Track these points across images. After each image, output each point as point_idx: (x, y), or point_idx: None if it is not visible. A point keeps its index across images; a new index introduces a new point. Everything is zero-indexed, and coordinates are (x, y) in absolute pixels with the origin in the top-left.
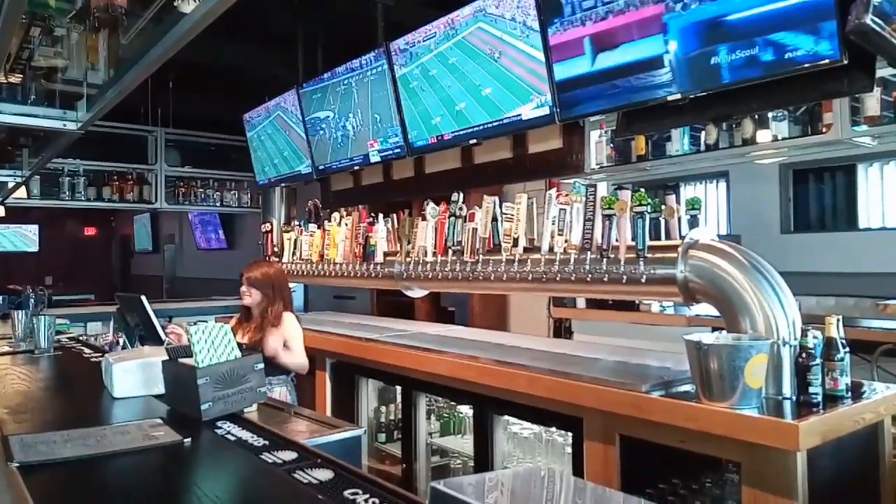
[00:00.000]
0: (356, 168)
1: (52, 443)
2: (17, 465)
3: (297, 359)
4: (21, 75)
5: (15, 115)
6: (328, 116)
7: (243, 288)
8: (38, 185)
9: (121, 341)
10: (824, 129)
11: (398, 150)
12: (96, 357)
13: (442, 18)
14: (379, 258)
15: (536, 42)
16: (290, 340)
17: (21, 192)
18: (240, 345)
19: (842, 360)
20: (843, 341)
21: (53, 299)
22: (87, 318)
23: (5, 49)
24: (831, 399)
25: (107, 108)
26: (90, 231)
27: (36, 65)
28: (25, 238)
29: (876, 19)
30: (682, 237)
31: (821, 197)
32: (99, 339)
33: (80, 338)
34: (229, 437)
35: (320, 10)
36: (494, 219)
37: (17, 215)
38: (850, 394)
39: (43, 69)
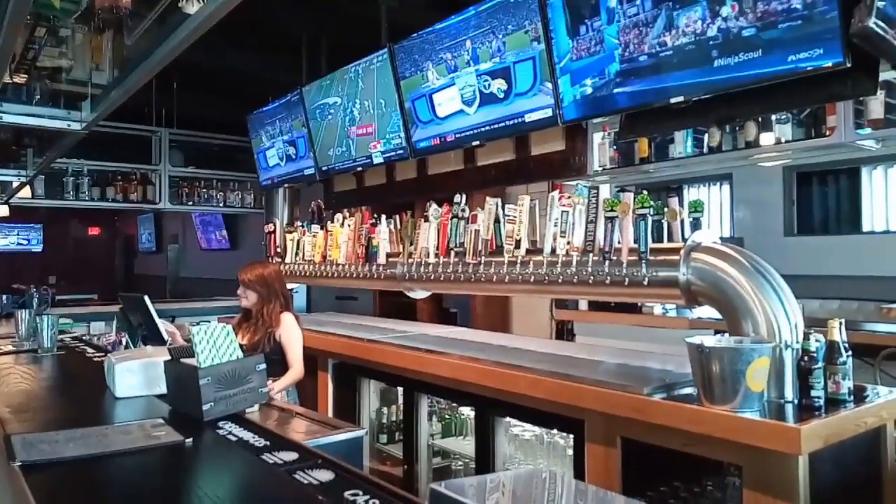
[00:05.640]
0: (359, 169)
1: (54, 442)
2: (19, 464)
3: (292, 372)
4: (26, 75)
5: (20, 115)
6: (336, 102)
7: (240, 290)
8: (43, 185)
9: (123, 341)
10: (828, 132)
11: (401, 152)
12: (99, 357)
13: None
14: (381, 259)
15: None
16: (286, 346)
17: (25, 192)
18: (240, 346)
19: (844, 363)
20: (846, 345)
21: (57, 299)
22: (90, 317)
23: (10, 50)
24: (833, 403)
25: (111, 109)
26: (94, 231)
27: (41, 65)
28: (29, 237)
29: (879, 22)
30: (684, 240)
31: (824, 200)
32: (102, 339)
33: (83, 337)
34: (230, 437)
35: (324, 12)
36: (497, 220)
37: (22, 215)
38: (852, 397)
39: (48, 69)
